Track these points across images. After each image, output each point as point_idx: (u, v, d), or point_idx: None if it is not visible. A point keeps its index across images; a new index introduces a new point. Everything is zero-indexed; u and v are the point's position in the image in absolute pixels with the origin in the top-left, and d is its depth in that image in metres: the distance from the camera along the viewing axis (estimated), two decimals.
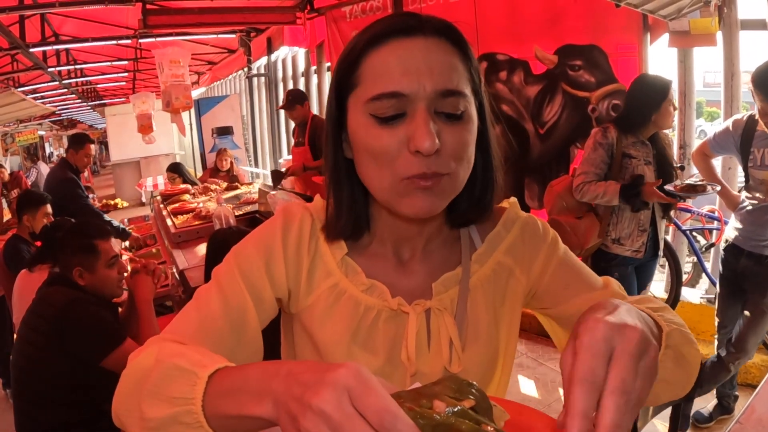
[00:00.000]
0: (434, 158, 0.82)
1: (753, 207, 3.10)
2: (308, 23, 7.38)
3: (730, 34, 3.84)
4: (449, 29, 0.88)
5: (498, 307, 1.03)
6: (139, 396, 0.74)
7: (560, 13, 4.55)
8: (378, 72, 0.85)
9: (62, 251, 2.65)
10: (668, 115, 3.19)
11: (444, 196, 0.87)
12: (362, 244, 1.02)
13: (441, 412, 0.58)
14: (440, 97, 0.83)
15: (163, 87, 7.29)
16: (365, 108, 0.85)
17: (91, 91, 17.16)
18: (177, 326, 0.93)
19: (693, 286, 5.29)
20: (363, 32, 0.90)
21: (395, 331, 0.98)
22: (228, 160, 7.71)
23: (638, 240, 3.28)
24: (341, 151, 0.94)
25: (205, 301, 0.95)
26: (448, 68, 0.85)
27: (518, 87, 4.94)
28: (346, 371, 0.54)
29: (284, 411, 0.56)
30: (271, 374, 0.62)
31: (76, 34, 8.30)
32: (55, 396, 2.41)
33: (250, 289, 0.95)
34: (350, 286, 0.98)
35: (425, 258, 1.02)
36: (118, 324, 2.67)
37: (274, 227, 1.00)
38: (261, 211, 4.57)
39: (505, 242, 1.05)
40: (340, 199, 0.96)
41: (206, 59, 12.25)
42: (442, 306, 0.98)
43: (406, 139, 0.82)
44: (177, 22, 6.71)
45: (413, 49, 0.84)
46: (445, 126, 0.83)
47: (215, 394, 0.66)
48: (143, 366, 0.78)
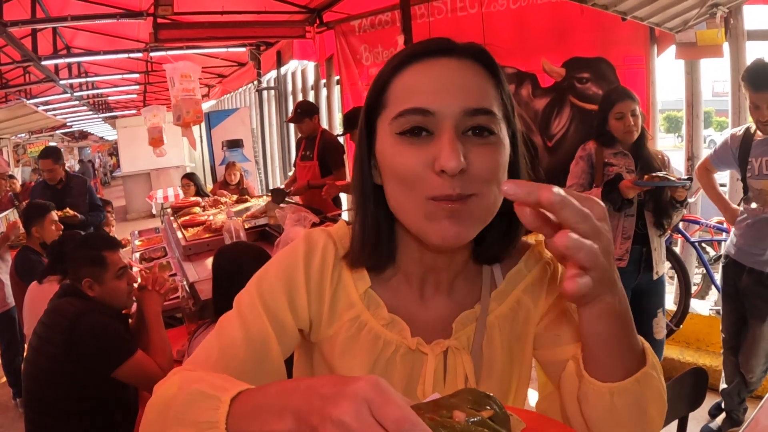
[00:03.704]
0: (460, 179, 0.79)
1: (752, 219, 3.10)
2: (317, 37, 7.42)
3: (737, 45, 3.84)
4: (482, 53, 0.87)
5: (513, 345, 1.01)
6: (164, 424, 0.74)
7: (568, 27, 4.57)
8: (405, 90, 0.85)
9: (72, 263, 2.68)
10: (618, 128, 3.18)
11: (472, 223, 0.84)
12: (385, 276, 1.00)
13: (461, 422, 0.59)
14: (469, 116, 0.81)
15: (174, 101, 7.32)
16: (391, 127, 0.84)
17: (102, 103, 17.30)
18: (199, 356, 0.94)
19: (702, 297, 5.27)
20: (394, 56, 0.89)
21: (412, 366, 0.97)
22: (237, 174, 7.72)
23: (621, 247, 3.22)
24: (370, 177, 0.93)
25: (227, 330, 0.94)
26: (478, 88, 0.83)
27: (526, 100, 4.96)
28: (365, 383, 0.54)
29: (305, 424, 0.57)
30: (290, 390, 0.62)
31: (88, 47, 8.42)
32: (67, 406, 2.42)
33: (271, 319, 0.94)
34: (371, 319, 0.97)
35: (447, 294, 1.00)
36: (129, 335, 2.69)
37: (297, 256, 0.98)
38: (270, 225, 4.59)
39: (525, 281, 1.02)
40: (366, 225, 0.95)
41: (216, 72, 12.33)
42: (460, 345, 0.97)
43: (432, 159, 0.80)
44: (187, 36, 6.76)
45: (443, 68, 0.84)
46: (473, 147, 0.81)
47: (238, 415, 0.66)
48: (167, 396, 0.78)
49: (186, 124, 7.42)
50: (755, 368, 3.21)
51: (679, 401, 2.02)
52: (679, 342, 4.40)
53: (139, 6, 6.17)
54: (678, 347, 4.37)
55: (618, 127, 3.18)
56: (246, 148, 10.61)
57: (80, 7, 6.36)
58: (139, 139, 14.56)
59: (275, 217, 4.24)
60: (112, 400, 2.52)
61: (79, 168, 23.09)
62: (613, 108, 3.16)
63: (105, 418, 2.51)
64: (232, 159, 8.87)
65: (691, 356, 4.22)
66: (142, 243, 5.58)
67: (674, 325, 4.17)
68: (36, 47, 6.90)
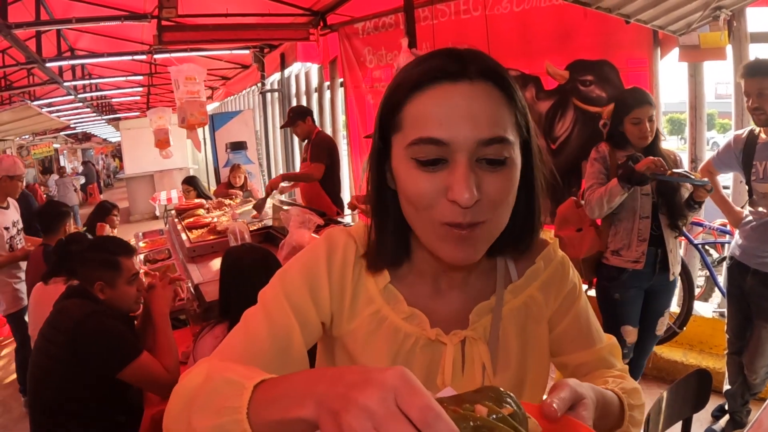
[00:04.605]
0: (472, 208, 0.82)
1: (757, 222, 3.10)
2: (321, 39, 7.41)
3: (740, 47, 3.84)
4: (494, 72, 0.87)
5: (528, 336, 1.05)
6: (189, 412, 0.75)
7: (571, 29, 4.57)
8: (420, 118, 0.85)
9: (85, 265, 2.68)
10: (631, 133, 3.13)
11: (480, 245, 0.88)
12: (402, 272, 1.03)
13: (483, 416, 0.61)
14: (483, 146, 0.82)
15: (178, 103, 7.33)
16: (407, 152, 0.86)
17: (106, 105, 17.36)
18: (224, 348, 0.95)
19: (705, 300, 5.27)
20: (407, 72, 0.90)
21: (431, 357, 1.00)
22: (242, 176, 7.73)
23: (637, 250, 3.18)
24: (385, 181, 0.95)
25: (252, 323, 0.96)
26: (491, 115, 0.84)
27: (530, 103, 4.93)
28: (393, 372, 0.56)
29: (326, 409, 0.57)
30: (315, 378, 0.63)
31: (92, 49, 8.44)
32: (71, 408, 2.42)
33: (295, 311, 0.96)
34: (391, 313, 1.00)
35: (463, 287, 1.04)
36: (135, 337, 2.70)
37: (318, 253, 1.01)
38: (275, 227, 4.60)
39: (540, 278, 1.07)
40: (383, 229, 0.98)
41: (220, 74, 12.34)
42: (476, 335, 1.01)
43: (445, 187, 0.82)
44: (192, 39, 6.78)
45: (456, 96, 0.83)
46: (486, 174, 0.83)
47: (260, 402, 0.67)
48: (194, 384, 0.79)
49: (191, 126, 7.42)
50: (759, 369, 3.21)
51: (683, 403, 2.02)
52: (682, 344, 4.39)
53: (143, 8, 6.20)
54: (681, 349, 4.37)
55: (633, 132, 3.12)
56: (249, 150, 10.62)
57: (84, 9, 6.39)
58: (142, 141, 14.59)
59: (280, 219, 4.25)
60: (116, 403, 2.52)
61: (83, 170, 23.12)
62: (631, 113, 3.10)
63: (109, 421, 2.52)
64: (236, 161, 8.88)
65: (694, 358, 4.22)
66: (147, 245, 5.60)
67: (677, 327, 4.17)
68: (40, 49, 6.93)
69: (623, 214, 3.18)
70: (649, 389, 4.12)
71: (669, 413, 1.97)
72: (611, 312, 3.34)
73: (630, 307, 3.29)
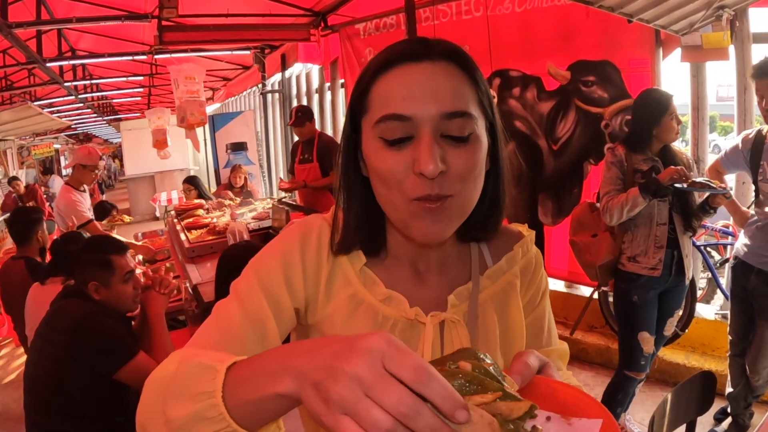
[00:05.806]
0: (439, 180, 0.84)
1: (763, 222, 3.09)
2: (322, 40, 7.41)
3: (743, 47, 3.83)
4: (456, 53, 0.90)
5: (508, 320, 1.07)
6: (163, 401, 0.73)
7: (573, 30, 4.56)
8: (384, 97, 0.88)
9: (78, 265, 2.66)
10: (670, 129, 3.13)
11: (452, 220, 0.90)
12: (379, 258, 1.04)
13: (470, 371, 0.62)
14: (446, 120, 0.85)
15: (178, 103, 7.33)
16: (374, 131, 0.88)
17: (107, 105, 17.36)
18: (198, 339, 0.94)
19: (708, 302, 5.26)
20: (374, 58, 0.93)
21: (410, 339, 1.00)
22: (242, 177, 7.75)
23: (654, 257, 3.15)
24: (358, 170, 0.97)
25: (225, 313, 0.95)
26: (453, 91, 0.87)
27: (531, 103, 4.94)
28: (378, 337, 0.55)
29: (308, 382, 0.57)
30: (288, 352, 0.63)
31: (93, 49, 8.42)
32: (68, 408, 2.41)
33: (269, 299, 0.96)
34: (368, 296, 1.00)
35: (440, 271, 1.05)
36: (132, 337, 2.68)
37: (292, 238, 1.01)
38: (275, 227, 4.59)
39: (518, 264, 1.10)
40: (350, 216, 0.99)
41: (221, 75, 12.33)
42: (456, 318, 1.01)
43: (412, 161, 0.85)
44: (192, 39, 6.76)
45: (419, 73, 0.87)
46: (451, 148, 0.86)
47: (234, 382, 0.66)
48: (166, 372, 0.77)
49: (190, 125, 7.43)
50: (762, 371, 3.19)
51: (688, 405, 2.01)
52: (684, 347, 4.38)
53: (144, 8, 6.18)
54: (683, 352, 4.35)
55: (671, 128, 3.12)
56: (250, 151, 10.63)
57: (85, 9, 6.37)
58: (143, 142, 14.57)
59: (280, 219, 4.24)
60: (113, 404, 2.50)
61: None
62: (669, 109, 3.10)
63: (106, 422, 2.50)
64: (237, 162, 8.89)
65: (697, 361, 4.20)
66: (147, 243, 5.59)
67: (679, 329, 4.15)
68: (41, 49, 6.92)
69: (640, 220, 3.16)
70: (652, 391, 4.11)
71: (673, 416, 1.95)
72: (629, 315, 3.30)
73: (647, 311, 3.24)
